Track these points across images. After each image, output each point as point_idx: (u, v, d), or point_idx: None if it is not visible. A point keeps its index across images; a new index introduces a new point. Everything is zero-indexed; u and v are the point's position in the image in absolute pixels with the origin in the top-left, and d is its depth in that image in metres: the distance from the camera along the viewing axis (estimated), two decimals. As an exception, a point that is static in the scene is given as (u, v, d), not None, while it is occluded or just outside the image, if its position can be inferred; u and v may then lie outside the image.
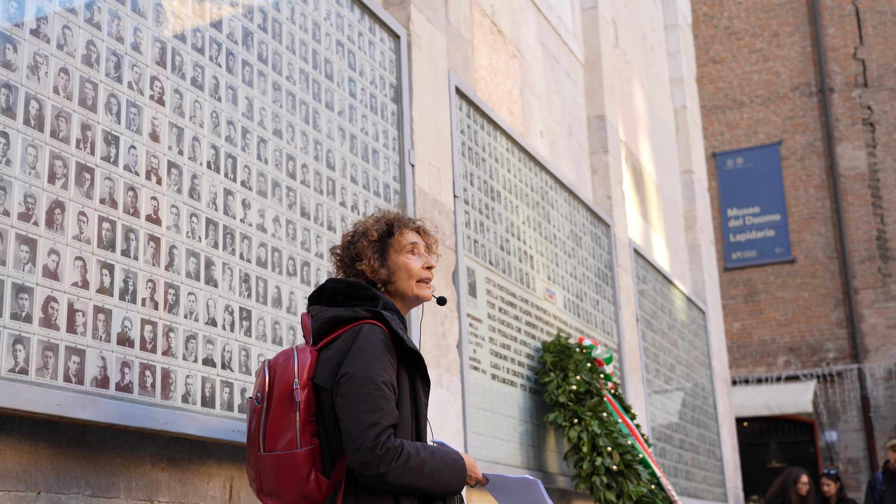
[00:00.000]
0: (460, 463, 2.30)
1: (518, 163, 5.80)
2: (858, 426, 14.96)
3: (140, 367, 2.71)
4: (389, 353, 2.27)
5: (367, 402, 2.17)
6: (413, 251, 2.51)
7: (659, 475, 5.63)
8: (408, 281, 2.48)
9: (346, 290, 2.41)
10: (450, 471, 2.26)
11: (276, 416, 2.26)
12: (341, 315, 2.34)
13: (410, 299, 2.50)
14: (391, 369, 2.25)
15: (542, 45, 6.84)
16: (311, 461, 2.24)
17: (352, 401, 2.19)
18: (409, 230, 2.54)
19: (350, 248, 2.51)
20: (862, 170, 15.54)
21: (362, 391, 2.18)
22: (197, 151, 3.07)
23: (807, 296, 15.56)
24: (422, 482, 2.20)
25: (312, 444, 2.25)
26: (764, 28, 16.59)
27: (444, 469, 2.24)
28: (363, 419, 2.16)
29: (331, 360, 2.29)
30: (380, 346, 2.25)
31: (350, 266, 2.51)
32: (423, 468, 2.19)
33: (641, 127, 9.04)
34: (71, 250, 2.54)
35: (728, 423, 10.22)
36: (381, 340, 2.26)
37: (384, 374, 2.22)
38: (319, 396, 2.28)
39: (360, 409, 2.17)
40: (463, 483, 2.29)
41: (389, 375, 2.24)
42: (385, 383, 2.21)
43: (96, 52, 2.72)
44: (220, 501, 3.06)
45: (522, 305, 5.52)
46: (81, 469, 2.59)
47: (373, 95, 4.23)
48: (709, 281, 10.46)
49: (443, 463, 2.25)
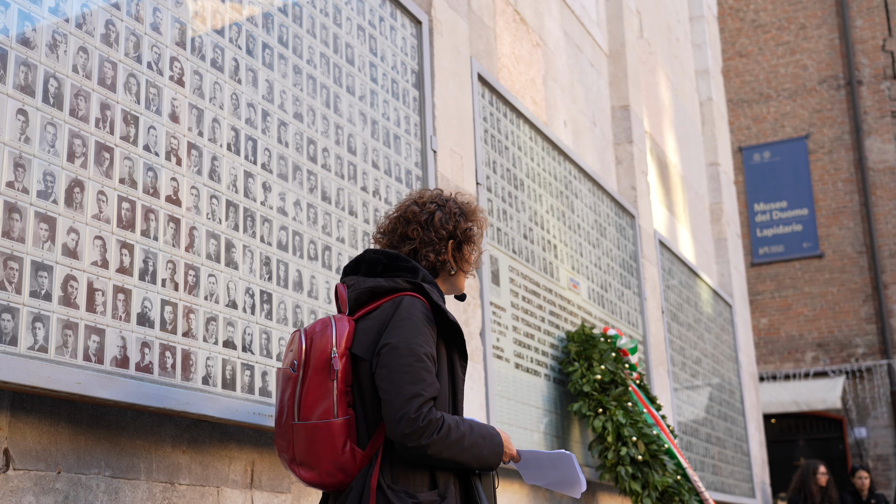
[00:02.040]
0: (498, 438, 2.29)
1: (541, 151, 5.76)
2: (888, 422, 14.78)
3: (160, 347, 2.70)
4: (430, 325, 2.25)
5: (410, 374, 2.15)
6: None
7: (685, 465, 5.58)
8: (451, 280, 2.50)
9: (386, 261, 2.37)
10: (488, 445, 2.25)
11: (312, 384, 2.21)
12: (381, 285, 2.30)
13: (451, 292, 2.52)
14: (432, 341, 2.23)
15: (566, 35, 6.79)
16: (347, 431, 2.21)
17: (393, 371, 2.16)
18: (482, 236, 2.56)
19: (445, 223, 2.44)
20: (891, 163, 15.35)
21: (405, 362, 2.16)
22: (217, 133, 3.06)
23: (835, 291, 15.40)
24: (461, 456, 2.18)
25: (349, 415, 2.22)
26: (791, 20, 16.43)
27: (482, 444, 2.23)
28: (405, 390, 2.13)
29: (370, 329, 2.26)
30: (421, 318, 2.23)
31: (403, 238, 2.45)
32: (462, 441, 2.18)
33: (666, 118, 8.96)
34: (90, 229, 2.53)
35: (755, 417, 10.12)
36: (422, 312, 2.24)
37: (426, 346, 2.20)
38: (357, 366, 2.25)
39: (402, 380, 2.14)
40: (500, 458, 2.28)
41: (430, 347, 2.21)
42: (427, 355, 2.19)
43: (115, 31, 2.71)
44: (241, 485, 3.05)
45: (546, 295, 5.48)
46: (102, 449, 2.58)
47: (394, 81, 4.20)
48: (735, 274, 10.36)
49: (481, 437, 2.23)
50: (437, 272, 2.44)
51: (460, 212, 2.47)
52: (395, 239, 2.45)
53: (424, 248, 2.41)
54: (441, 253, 2.42)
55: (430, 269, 2.42)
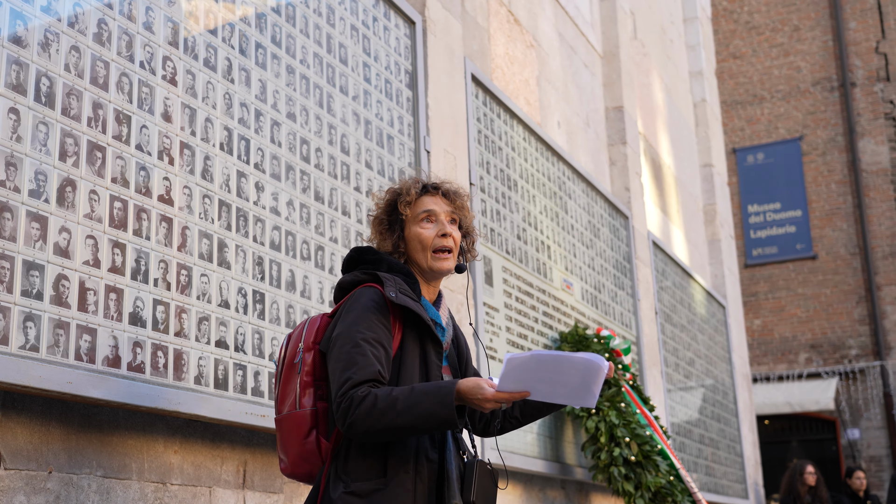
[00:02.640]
0: (448, 388, 2.06)
1: (535, 152, 5.76)
2: (881, 424, 14.81)
3: (152, 347, 2.70)
4: (380, 312, 2.20)
5: (344, 361, 2.13)
6: (429, 218, 2.37)
7: (678, 466, 5.58)
8: (422, 252, 2.36)
9: (356, 256, 2.39)
10: (432, 399, 2.04)
11: (285, 379, 2.28)
12: (345, 280, 2.33)
13: (426, 272, 2.37)
14: (380, 327, 2.18)
15: (560, 36, 6.80)
16: (312, 422, 2.21)
17: (333, 361, 2.17)
18: (427, 196, 2.40)
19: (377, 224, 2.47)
20: (884, 165, 15.38)
21: (343, 350, 2.15)
22: (210, 133, 3.05)
23: (828, 292, 15.42)
24: (399, 420, 2.04)
25: (316, 407, 2.23)
26: (784, 22, 16.46)
27: (423, 400, 2.04)
28: (338, 378, 2.12)
29: (331, 325, 2.28)
30: (367, 306, 2.20)
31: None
32: (395, 406, 2.04)
33: (660, 119, 8.97)
34: (82, 229, 2.53)
35: (748, 418, 10.14)
36: (370, 300, 2.21)
37: (366, 332, 2.15)
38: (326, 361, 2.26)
39: (337, 368, 2.14)
40: (451, 409, 2.04)
41: (374, 332, 2.16)
42: (366, 340, 2.14)
43: (108, 30, 2.71)
44: (233, 485, 3.04)
45: (539, 295, 5.49)
46: (93, 449, 2.57)
47: (387, 81, 4.20)
48: (729, 275, 10.38)
49: (423, 394, 2.06)
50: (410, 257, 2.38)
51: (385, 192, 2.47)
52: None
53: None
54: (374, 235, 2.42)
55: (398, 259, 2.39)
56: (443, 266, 2.35)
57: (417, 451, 2.16)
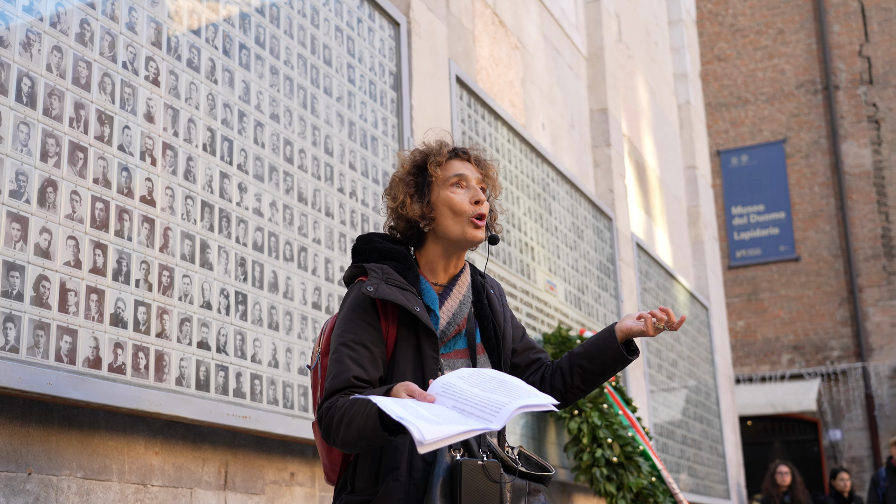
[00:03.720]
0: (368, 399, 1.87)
1: (519, 154, 5.77)
2: (862, 425, 14.90)
3: (133, 348, 2.69)
4: (364, 309, 2.07)
5: (329, 370, 2.05)
6: (460, 184, 2.15)
7: (660, 467, 5.60)
8: (453, 219, 2.12)
9: (356, 247, 2.23)
10: (361, 410, 1.89)
11: (311, 385, 2.22)
12: (344, 278, 2.22)
13: (458, 241, 2.14)
14: (362, 326, 2.05)
15: (545, 37, 6.81)
16: None
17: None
18: (457, 160, 2.19)
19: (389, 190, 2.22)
20: (867, 167, 15.48)
21: (331, 359, 2.06)
22: (193, 133, 3.05)
23: (811, 294, 15.51)
24: (346, 434, 1.92)
25: None
26: (769, 25, 16.54)
27: (358, 412, 1.89)
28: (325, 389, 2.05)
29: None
30: (352, 305, 2.08)
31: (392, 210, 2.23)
32: (342, 419, 1.92)
33: (644, 122, 9.00)
34: (63, 229, 2.52)
35: (731, 419, 10.18)
36: (355, 297, 2.09)
37: (345, 335, 2.05)
38: None
39: (327, 377, 2.06)
40: (374, 420, 1.86)
41: (354, 333, 2.04)
42: (344, 344, 2.03)
43: (90, 30, 2.70)
44: (214, 487, 3.04)
45: (523, 297, 5.50)
46: (73, 451, 2.57)
47: (372, 82, 4.20)
48: (712, 277, 10.42)
49: (362, 404, 1.89)
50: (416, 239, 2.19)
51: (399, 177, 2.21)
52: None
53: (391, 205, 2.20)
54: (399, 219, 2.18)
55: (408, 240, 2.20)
56: (478, 235, 2.14)
57: (412, 455, 2.01)
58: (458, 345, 2.15)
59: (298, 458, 3.43)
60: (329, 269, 3.66)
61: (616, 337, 2.20)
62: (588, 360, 2.24)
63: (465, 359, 2.15)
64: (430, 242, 2.18)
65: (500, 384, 1.90)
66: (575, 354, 2.26)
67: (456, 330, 2.14)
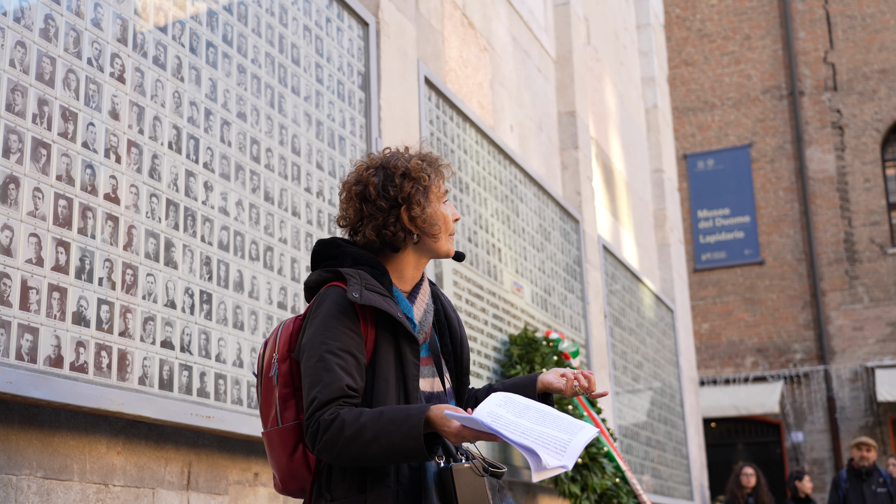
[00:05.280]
0: (415, 419, 1.90)
1: (487, 155, 5.78)
2: (824, 427, 15.08)
3: (96, 347, 2.67)
4: (345, 315, 2.02)
5: (310, 377, 1.98)
6: (446, 200, 2.19)
7: (624, 469, 5.64)
8: (444, 234, 2.15)
9: (321, 252, 2.18)
10: (399, 430, 1.89)
11: (263, 392, 2.12)
12: (309, 281, 2.15)
13: (439, 255, 2.18)
14: (346, 333, 2.01)
15: (514, 40, 6.83)
16: (297, 437, 2.07)
17: (303, 377, 2.02)
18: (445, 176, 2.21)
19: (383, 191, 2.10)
20: (830, 173, 15.67)
21: (308, 365, 2.00)
22: (158, 131, 3.03)
23: (775, 297, 15.68)
24: (367, 451, 1.90)
25: (299, 419, 2.07)
26: (736, 31, 16.70)
27: (392, 431, 1.89)
28: (306, 397, 1.99)
29: (301, 329, 2.10)
30: (331, 311, 2.02)
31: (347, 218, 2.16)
32: (362, 436, 1.90)
33: (612, 125, 9.06)
34: (25, 226, 2.49)
35: (695, 421, 10.27)
36: (335, 303, 2.03)
37: (331, 342, 1.99)
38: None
39: (305, 385, 2.00)
40: (418, 442, 1.88)
41: (339, 340, 1.99)
42: (330, 351, 1.98)
43: (55, 26, 2.67)
44: (177, 486, 3.02)
45: (490, 298, 5.51)
46: (34, 450, 2.54)
47: (340, 82, 4.20)
48: (678, 280, 10.50)
49: (391, 423, 1.90)
50: (396, 246, 2.13)
51: (403, 172, 2.12)
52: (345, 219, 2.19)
53: (367, 223, 2.12)
54: (388, 226, 2.10)
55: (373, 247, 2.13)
56: (453, 250, 2.20)
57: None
58: (423, 352, 2.16)
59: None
60: (295, 268, 3.65)
61: (536, 387, 2.24)
62: None
63: (430, 366, 2.17)
64: (408, 252, 2.16)
65: (542, 415, 1.94)
66: (494, 390, 2.28)
67: (423, 338, 2.14)
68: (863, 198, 15.43)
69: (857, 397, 14.95)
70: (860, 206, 15.42)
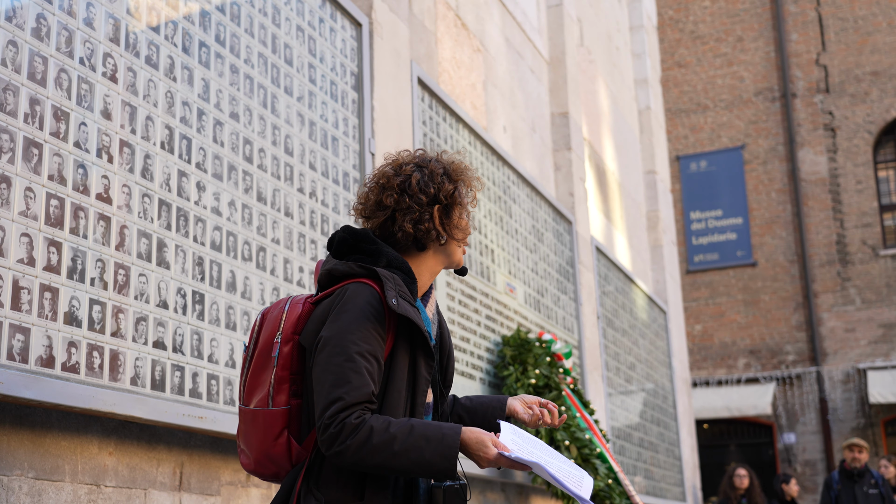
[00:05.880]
0: (451, 439, 1.92)
1: (480, 156, 5.79)
2: (816, 428, 15.11)
3: (88, 347, 2.66)
4: (376, 318, 1.99)
5: (335, 375, 1.94)
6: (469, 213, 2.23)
7: (616, 470, 5.64)
8: (463, 243, 2.19)
9: (351, 241, 2.12)
10: (434, 448, 1.91)
11: (255, 368, 2.07)
12: (336, 269, 2.08)
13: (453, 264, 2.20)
14: (375, 337, 1.98)
15: (507, 41, 6.84)
16: (284, 422, 2.03)
17: (322, 371, 1.96)
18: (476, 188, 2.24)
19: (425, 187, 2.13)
20: (823, 174, 15.71)
21: (333, 361, 1.95)
22: (150, 131, 3.02)
23: (767, 299, 15.71)
24: (394, 462, 1.91)
25: (290, 405, 2.04)
26: (728, 33, 16.73)
27: (424, 447, 1.91)
28: (327, 394, 1.93)
29: (316, 318, 2.05)
30: (364, 311, 1.98)
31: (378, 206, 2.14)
32: (392, 446, 1.90)
33: (605, 126, 9.06)
34: (17, 226, 2.48)
35: (687, 422, 10.28)
36: (367, 303, 1.99)
37: (361, 344, 1.96)
38: (303, 355, 2.06)
39: (327, 381, 1.95)
40: (452, 462, 1.92)
41: (369, 344, 1.97)
42: (361, 353, 1.95)
43: (47, 25, 2.67)
44: (169, 487, 3.01)
45: (482, 299, 5.51)
46: (25, 451, 2.53)
47: (333, 83, 4.19)
48: (670, 281, 10.52)
49: (424, 440, 1.91)
50: (424, 244, 2.13)
51: (444, 171, 2.16)
52: (370, 209, 2.15)
53: (402, 217, 2.10)
54: (423, 221, 2.10)
55: (410, 241, 2.12)
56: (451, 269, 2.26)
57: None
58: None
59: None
60: (288, 269, 3.64)
61: (505, 411, 2.29)
62: (469, 416, 2.31)
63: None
64: (429, 254, 2.17)
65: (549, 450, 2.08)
66: (460, 403, 2.32)
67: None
68: (855, 200, 15.47)
69: (850, 399, 14.99)
70: (852, 207, 15.47)
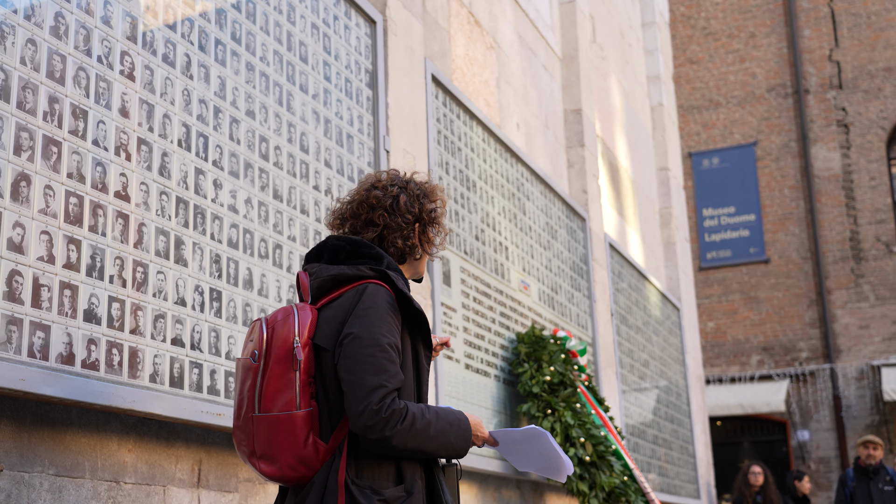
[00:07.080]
0: (465, 423, 2.23)
1: (494, 153, 5.78)
2: (830, 426, 15.06)
3: (107, 344, 2.67)
4: (395, 314, 2.19)
5: (373, 364, 2.09)
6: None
7: (632, 467, 5.63)
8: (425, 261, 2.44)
9: (349, 248, 2.29)
10: (455, 432, 2.19)
11: (273, 375, 2.12)
12: (344, 273, 2.23)
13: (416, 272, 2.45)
14: (396, 331, 2.18)
15: (520, 38, 6.83)
16: (310, 423, 2.12)
17: (356, 362, 2.10)
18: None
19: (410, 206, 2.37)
20: (836, 171, 15.65)
21: (367, 352, 2.10)
22: (168, 129, 3.03)
23: (780, 296, 15.65)
24: (427, 444, 2.14)
25: (311, 406, 2.14)
26: (741, 29, 16.68)
27: (449, 430, 2.17)
28: (368, 381, 2.07)
29: (332, 319, 2.18)
30: (385, 307, 2.17)
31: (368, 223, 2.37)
32: (428, 430, 2.13)
33: (618, 123, 9.05)
34: (37, 224, 2.49)
35: (701, 419, 10.26)
36: (386, 301, 2.18)
37: (389, 336, 2.14)
38: (319, 357, 2.17)
39: (364, 370, 2.08)
40: (468, 444, 2.23)
41: (394, 337, 2.16)
42: (391, 345, 2.13)
43: (65, 24, 2.68)
44: (188, 484, 3.02)
45: (497, 296, 5.51)
46: (45, 448, 2.54)
47: (348, 80, 4.20)
48: (683, 278, 10.49)
49: (448, 424, 2.18)
50: (405, 257, 2.38)
51: (422, 193, 2.40)
52: (359, 225, 2.36)
53: (392, 233, 2.34)
54: (409, 238, 2.35)
55: (398, 255, 2.36)
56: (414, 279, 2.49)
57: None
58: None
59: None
60: (304, 266, 3.65)
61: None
62: None
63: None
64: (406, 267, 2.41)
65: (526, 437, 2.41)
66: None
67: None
68: (868, 196, 15.40)
69: (863, 396, 14.93)
70: (866, 204, 15.40)
